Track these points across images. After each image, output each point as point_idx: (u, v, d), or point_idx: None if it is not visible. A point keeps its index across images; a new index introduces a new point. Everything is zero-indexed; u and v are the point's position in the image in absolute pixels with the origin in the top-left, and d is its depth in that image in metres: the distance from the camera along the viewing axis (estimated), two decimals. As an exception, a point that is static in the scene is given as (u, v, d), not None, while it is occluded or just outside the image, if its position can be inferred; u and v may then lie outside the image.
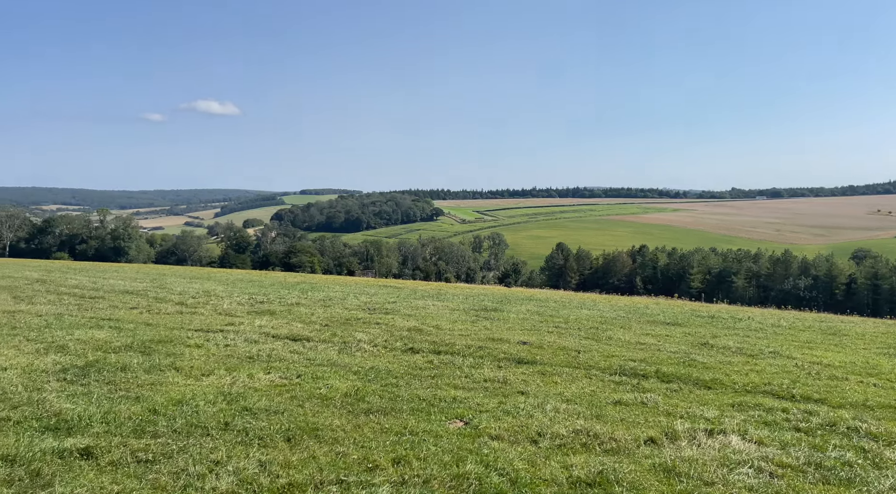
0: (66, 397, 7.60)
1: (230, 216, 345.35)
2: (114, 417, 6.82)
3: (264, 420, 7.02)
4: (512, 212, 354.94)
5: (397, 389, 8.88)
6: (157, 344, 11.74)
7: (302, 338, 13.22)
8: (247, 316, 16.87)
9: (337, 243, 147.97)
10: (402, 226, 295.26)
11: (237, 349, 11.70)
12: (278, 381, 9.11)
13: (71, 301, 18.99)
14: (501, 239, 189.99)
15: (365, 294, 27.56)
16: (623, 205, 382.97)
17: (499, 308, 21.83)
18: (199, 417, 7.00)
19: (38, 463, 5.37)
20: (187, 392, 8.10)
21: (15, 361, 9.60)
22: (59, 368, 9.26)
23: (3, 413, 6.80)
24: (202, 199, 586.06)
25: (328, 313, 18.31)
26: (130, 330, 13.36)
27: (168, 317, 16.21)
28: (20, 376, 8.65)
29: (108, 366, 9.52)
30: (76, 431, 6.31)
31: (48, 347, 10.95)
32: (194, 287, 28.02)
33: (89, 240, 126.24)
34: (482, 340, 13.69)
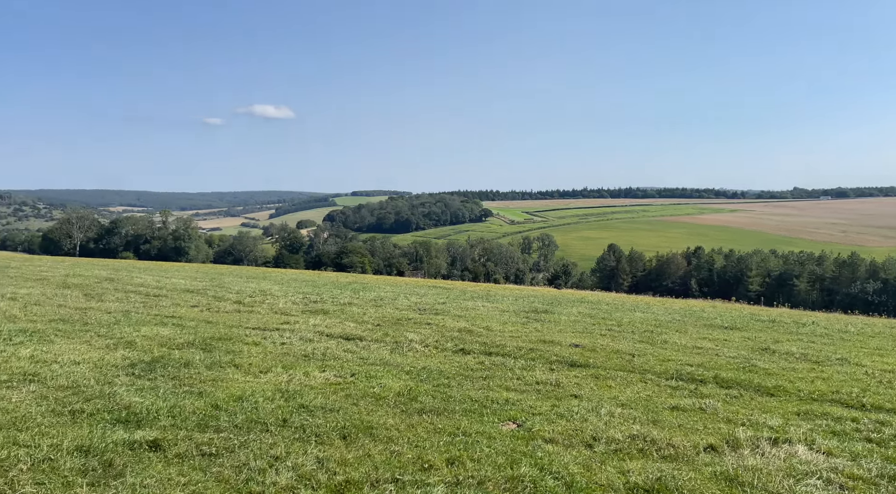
0: (134, 391, 7.95)
1: (284, 217, 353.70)
2: (179, 411, 7.09)
3: (320, 418, 7.16)
4: (562, 212, 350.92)
5: (449, 390, 8.91)
6: (217, 342, 12.13)
7: (355, 338, 13.43)
8: (301, 316, 17.25)
9: (387, 244, 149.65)
10: (451, 227, 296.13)
11: (293, 347, 11.98)
12: (333, 379, 9.28)
13: (137, 299, 19.82)
14: (551, 240, 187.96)
15: (415, 294, 27.77)
16: (677, 206, 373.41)
17: (549, 310, 21.63)
18: (259, 413, 7.21)
19: (111, 454, 5.63)
20: (247, 388, 8.34)
21: (87, 356, 10.09)
22: (128, 363, 9.68)
23: (77, 406, 7.16)
24: (258, 201, 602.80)
25: (380, 313, 18.54)
26: (192, 328, 13.85)
27: (227, 316, 16.72)
28: (92, 370, 9.09)
29: (173, 362, 9.90)
30: (145, 424, 6.59)
31: (117, 343, 11.47)
32: (251, 286, 28.83)
33: (152, 241, 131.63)
34: (533, 342, 13.60)
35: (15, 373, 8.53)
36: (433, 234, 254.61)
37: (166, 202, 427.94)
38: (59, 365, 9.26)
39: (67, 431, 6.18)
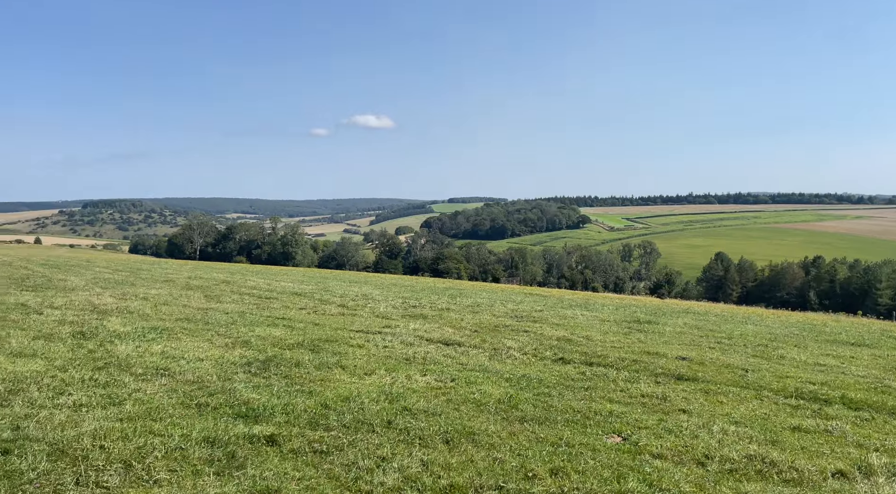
0: (252, 388, 8.46)
1: (383, 224, 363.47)
2: (292, 409, 7.47)
3: (423, 421, 7.30)
4: (665, 219, 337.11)
5: (550, 399, 8.80)
6: (324, 343, 12.66)
7: (454, 343, 13.56)
8: (401, 320, 17.65)
9: (482, 250, 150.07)
10: (547, 234, 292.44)
11: (394, 350, 12.28)
12: (434, 384, 9.43)
13: (250, 300, 21.09)
14: (653, 247, 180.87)
15: (511, 301, 27.64)
16: (793, 212, 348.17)
17: (653, 320, 20.82)
18: (365, 414, 7.45)
19: (233, 447, 6.03)
20: (353, 389, 8.65)
21: (209, 353, 10.86)
22: (245, 361, 10.33)
23: (202, 399, 7.72)
24: (359, 208, 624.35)
25: (477, 319, 18.61)
26: (301, 329, 14.55)
27: (332, 318, 17.42)
28: (214, 367, 9.77)
29: (285, 362, 10.44)
30: (262, 419, 7.00)
31: (235, 342, 12.26)
32: (353, 290, 29.87)
33: (263, 246, 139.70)
34: (636, 353, 13.15)
35: (149, 367, 9.33)
36: (529, 241, 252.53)
37: (276, 209, 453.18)
38: (186, 361, 10.02)
39: (195, 423, 6.68)
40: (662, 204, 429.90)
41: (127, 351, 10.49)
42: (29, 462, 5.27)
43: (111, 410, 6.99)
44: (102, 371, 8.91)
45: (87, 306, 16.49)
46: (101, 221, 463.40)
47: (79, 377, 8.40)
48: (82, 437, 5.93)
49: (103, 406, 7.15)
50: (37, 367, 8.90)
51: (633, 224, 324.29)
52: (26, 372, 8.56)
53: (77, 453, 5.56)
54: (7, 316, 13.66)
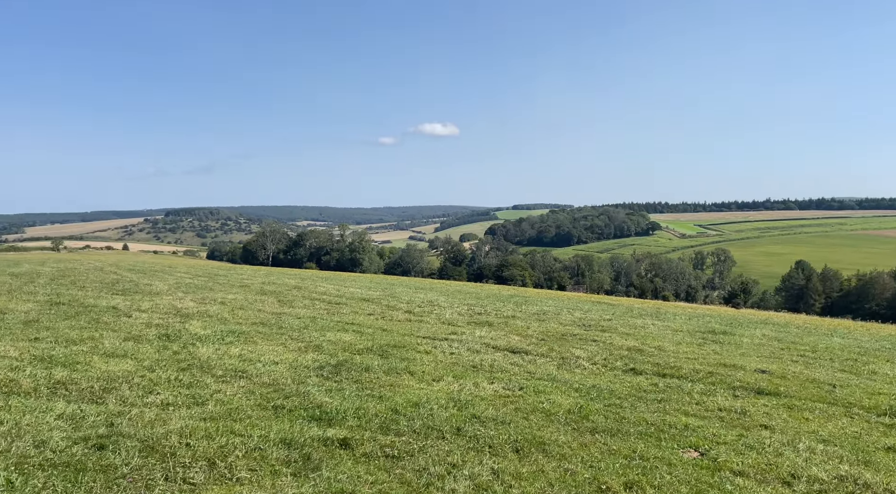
0: (324, 391, 8.68)
1: (448, 231, 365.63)
2: (363, 413, 7.61)
3: (492, 429, 7.28)
4: (740, 225, 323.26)
5: (622, 410, 8.60)
6: (392, 349, 12.84)
7: (520, 351, 13.47)
8: (467, 327, 17.68)
9: (547, 257, 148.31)
10: (615, 241, 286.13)
11: (461, 357, 12.32)
12: (502, 392, 9.39)
13: (321, 306, 21.65)
14: (727, 255, 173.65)
15: (578, 309, 27.19)
16: (884, 218, 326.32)
17: (728, 331, 19.98)
18: (434, 420, 7.50)
19: (308, 449, 6.20)
20: (422, 395, 8.73)
21: (283, 357, 11.23)
22: (317, 365, 10.61)
23: (278, 402, 7.99)
24: (424, 215, 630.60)
25: (543, 327, 18.41)
26: (370, 335, 14.82)
27: (399, 324, 17.65)
28: (288, 370, 10.09)
29: (355, 366, 10.66)
30: (335, 423, 7.17)
31: (307, 346, 12.61)
32: (419, 296, 30.15)
33: (332, 252, 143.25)
34: (712, 365, 12.65)
35: (228, 370, 9.73)
36: (595, 248, 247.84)
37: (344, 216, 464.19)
38: (262, 363, 10.40)
39: (272, 424, 6.91)
40: (738, 210, 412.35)
41: (207, 353, 10.97)
42: (122, 458, 5.60)
43: (195, 410, 7.33)
44: (186, 372, 9.36)
45: (171, 310, 17.37)
46: (182, 229, 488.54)
47: (165, 377, 8.86)
48: (170, 435, 6.24)
49: (188, 405, 7.51)
50: (127, 367, 9.45)
51: (706, 231, 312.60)
52: (118, 371, 9.10)
53: (165, 450, 5.87)
54: (100, 319, 14.58)
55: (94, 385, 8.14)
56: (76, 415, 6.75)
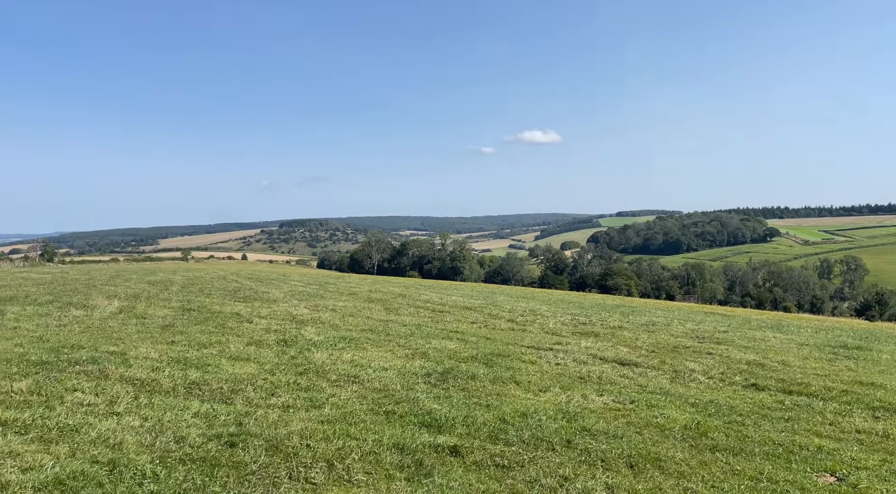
0: (433, 398, 8.84)
1: (548, 239, 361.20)
2: (472, 421, 7.67)
3: (604, 443, 7.09)
4: (873, 231, 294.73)
5: (744, 428, 8.08)
6: (496, 358, 12.85)
7: (629, 363, 13.03)
8: (571, 337, 17.35)
9: (654, 266, 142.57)
10: (728, 248, 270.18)
11: (567, 368, 12.10)
12: (612, 404, 9.12)
13: (425, 313, 22.06)
14: (859, 263, 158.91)
15: (690, 320, 25.89)
16: None
17: (864, 346, 18.25)
18: (543, 431, 7.42)
19: (420, 455, 6.33)
20: (529, 405, 8.67)
21: (392, 363, 11.55)
22: (425, 372, 10.82)
23: (389, 407, 8.22)
24: (524, 223, 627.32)
25: (653, 339, 17.70)
26: (473, 343, 14.91)
27: (502, 333, 17.63)
28: (397, 376, 10.37)
29: (461, 374, 10.77)
30: (444, 430, 7.28)
31: (414, 353, 12.89)
32: (521, 305, 29.96)
33: (433, 261, 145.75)
34: (846, 383, 11.61)
35: (341, 374, 10.15)
36: (707, 256, 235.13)
37: (445, 226, 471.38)
38: (373, 369, 10.75)
39: (385, 429, 7.13)
40: (870, 213, 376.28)
41: (322, 358, 11.50)
42: (251, 455, 5.99)
43: (313, 412, 7.70)
44: (303, 376, 9.86)
45: (287, 316, 18.38)
46: (294, 239, 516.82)
47: (285, 380, 9.39)
48: (292, 436, 6.60)
49: (306, 408, 7.91)
50: (251, 370, 10.10)
51: (833, 237, 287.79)
52: (243, 374, 9.75)
53: (288, 450, 6.21)
54: (225, 324, 15.70)
55: (223, 386, 8.76)
56: (209, 414, 7.31)
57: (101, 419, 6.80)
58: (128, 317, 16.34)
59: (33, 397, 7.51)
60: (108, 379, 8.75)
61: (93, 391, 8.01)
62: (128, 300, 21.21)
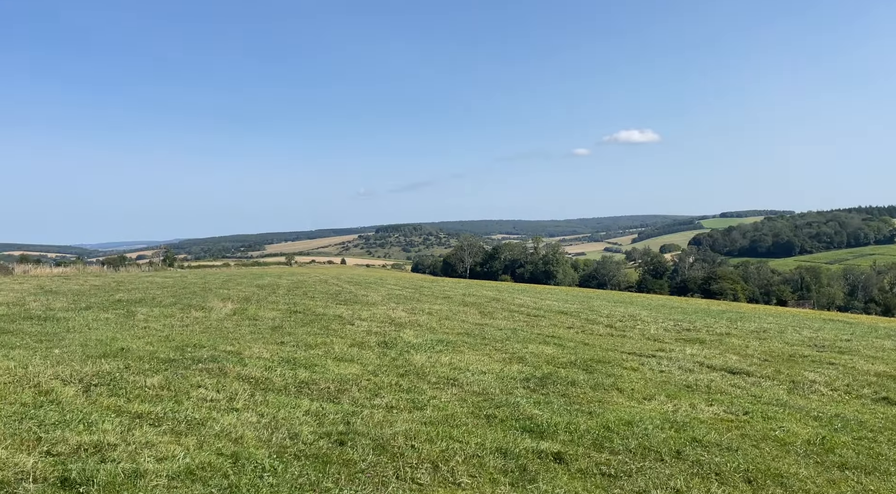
0: (532, 403, 8.77)
1: (646, 242, 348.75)
2: (574, 428, 7.53)
3: (717, 455, 6.74)
4: None
5: (877, 445, 7.42)
6: (596, 364, 12.55)
7: (740, 372, 12.33)
8: (675, 343, 16.65)
9: (763, 269, 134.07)
10: (848, 250, 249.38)
11: (672, 376, 11.62)
12: (723, 415, 8.67)
13: (520, 318, 21.94)
14: None
15: (806, 328, 24.13)
16: None
17: None
18: (650, 441, 7.16)
19: (523, 460, 6.30)
20: (633, 413, 8.40)
21: (489, 367, 11.56)
22: (523, 377, 10.75)
23: (489, 411, 8.24)
24: (620, 226, 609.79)
25: (765, 347, 16.65)
26: (571, 348, 14.65)
27: (600, 338, 17.20)
28: (495, 380, 10.37)
29: (560, 380, 10.61)
30: (546, 436, 7.20)
31: (511, 357, 12.85)
32: (619, 310, 29.11)
33: (526, 265, 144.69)
34: None
35: (440, 377, 10.28)
36: (823, 259, 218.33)
37: (537, 229, 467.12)
38: (471, 373, 10.81)
39: (487, 433, 7.15)
40: None
41: (421, 360, 11.71)
42: (359, 454, 6.20)
43: (416, 414, 7.86)
44: (404, 377, 10.09)
45: (386, 319, 18.88)
46: (390, 244, 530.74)
47: (387, 382, 9.64)
48: (396, 436, 6.77)
49: (409, 409, 8.08)
50: (354, 371, 10.45)
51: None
52: (347, 374, 10.11)
53: (394, 450, 6.37)
54: (329, 326, 16.36)
55: (329, 386, 9.13)
56: (319, 412, 7.64)
57: (223, 414, 7.27)
58: (241, 319, 17.40)
59: (163, 392, 8.16)
60: (226, 376, 9.36)
61: (214, 387, 8.59)
62: (240, 302, 22.59)
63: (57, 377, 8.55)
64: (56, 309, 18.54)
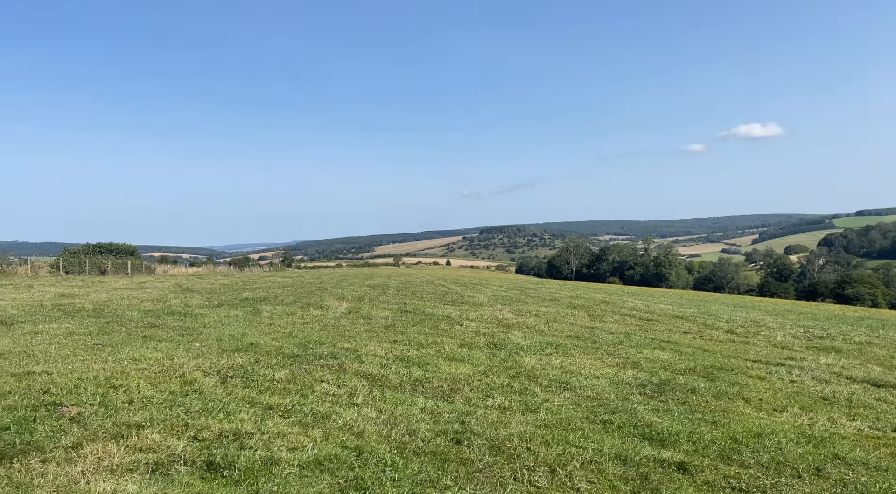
0: (651, 410, 8.45)
1: (769, 242, 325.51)
2: (698, 438, 7.18)
3: (864, 475, 6.17)
4: None
5: None
6: (717, 371, 11.90)
7: (886, 385, 11.21)
8: (806, 352, 15.44)
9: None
10: None
11: (805, 386, 10.78)
12: (868, 432, 7.91)
13: (632, 322, 21.22)
14: None
15: (967, 338, 21.46)
16: None
17: None
18: (784, 455, 6.68)
19: (644, 468, 6.09)
20: (763, 425, 7.87)
21: (602, 371, 11.28)
22: (639, 383, 10.39)
23: (605, 417, 8.04)
24: (738, 226, 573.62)
25: (916, 358, 15.01)
26: (689, 354, 13.97)
27: (720, 345, 16.28)
28: (609, 385, 10.10)
29: (679, 387, 10.15)
30: (668, 445, 6.91)
31: (624, 362, 12.47)
32: (740, 315, 27.40)
33: (635, 267, 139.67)
34: None
35: (552, 380, 10.17)
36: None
37: (647, 230, 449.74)
38: (583, 377, 10.61)
39: (604, 438, 6.98)
40: None
41: (531, 363, 11.64)
42: (476, 454, 6.27)
43: (529, 416, 7.83)
44: (515, 379, 10.07)
45: (493, 320, 18.94)
46: (493, 245, 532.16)
47: (499, 383, 9.67)
48: (511, 438, 6.78)
49: (522, 411, 8.06)
50: (466, 371, 10.58)
51: None
52: (459, 374, 10.25)
53: (510, 451, 6.38)
54: (439, 326, 16.66)
55: (442, 384, 9.30)
56: (434, 410, 7.80)
57: (345, 408, 7.62)
58: (356, 318, 18.14)
59: (290, 385, 8.68)
60: (345, 372, 9.80)
61: (335, 383, 9.02)
62: (353, 302, 23.55)
63: (198, 368, 9.35)
64: (193, 305, 20.25)
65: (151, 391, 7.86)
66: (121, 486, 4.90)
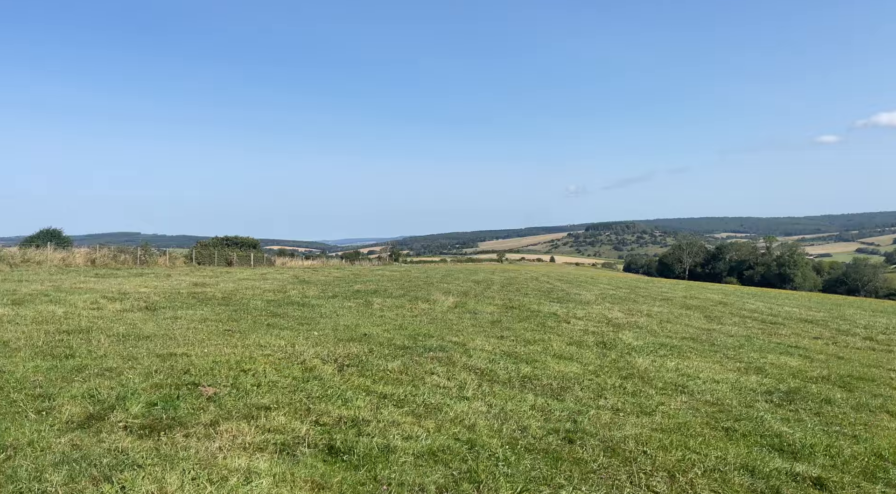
0: (779, 420, 7.88)
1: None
2: (836, 452, 6.61)
3: None
4: None
5: None
6: (856, 381, 10.91)
7: None
8: (964, 365, 13.75)
9: None
10: None
11: (963, 404, 9.60)
12: None
13: (753, 325, 19.88)
14: None
15: None
16: None
17: None
18: (940, 478, 5.99)
19: (775, 481, 5.68)
20: (914, 443, 7.10)
21: (722, 376, 10.66)
22: (764, 389, 9.72)
23: (727, 424, 7.58)
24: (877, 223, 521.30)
25: None
26: (821, 362, 12.90)
27: (858, 352, 14.91)
28: (731, 390, 9.52)
29: (811, 396, 9.39)
30: (801, 458, 6.41)
31: (747, 367, 11.71)
32: (881, 321, 24.92)
33: (756, 267, 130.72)
34: None
35: (667, 383, 9.74)
36: None
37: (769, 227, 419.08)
38: (701, 380, 10.08)
39: (728, 446, 6.59)
40: None
41: (644, 364, 11.22)
42: (589, 454, 6.13)
43: (644, 419, 7.54)
44: (628, 380, 9.75)
45: (602, 319, 18.44)
46: (600, 242, 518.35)
47: (610, 383, 9.40)
48: (627, 440, 6.56)
49: (636, 414, 7.78)
50: (575, 370, 10.37)
51: None
52: (568, 372, 10.07)
53: (626, 453, 6.18)
54: (545, 323, 16.47)
55: (552, 382, 9.18)
56: (545, 408, 7.72)
57: (455, 401, 7.71)
58: (462, 312, 18.33)
59: (402, 376, 8.92)
60: (454, 366, 9.92)
61: (445, 375, 9.16)
62: (459, 296, 23.80)
63: (317, 356, 9.83)
64: (310, 296, 21.34)
65: (276, 376, 8.37)
66: (253, 463, 5.25)
